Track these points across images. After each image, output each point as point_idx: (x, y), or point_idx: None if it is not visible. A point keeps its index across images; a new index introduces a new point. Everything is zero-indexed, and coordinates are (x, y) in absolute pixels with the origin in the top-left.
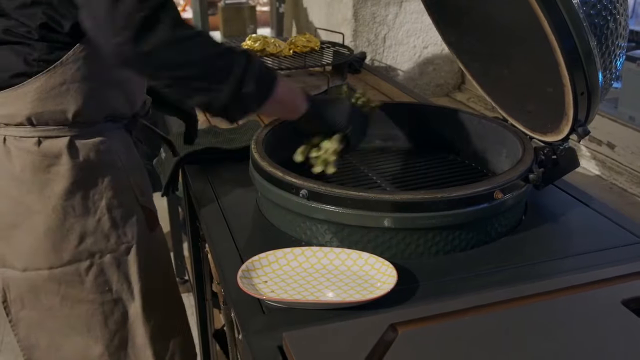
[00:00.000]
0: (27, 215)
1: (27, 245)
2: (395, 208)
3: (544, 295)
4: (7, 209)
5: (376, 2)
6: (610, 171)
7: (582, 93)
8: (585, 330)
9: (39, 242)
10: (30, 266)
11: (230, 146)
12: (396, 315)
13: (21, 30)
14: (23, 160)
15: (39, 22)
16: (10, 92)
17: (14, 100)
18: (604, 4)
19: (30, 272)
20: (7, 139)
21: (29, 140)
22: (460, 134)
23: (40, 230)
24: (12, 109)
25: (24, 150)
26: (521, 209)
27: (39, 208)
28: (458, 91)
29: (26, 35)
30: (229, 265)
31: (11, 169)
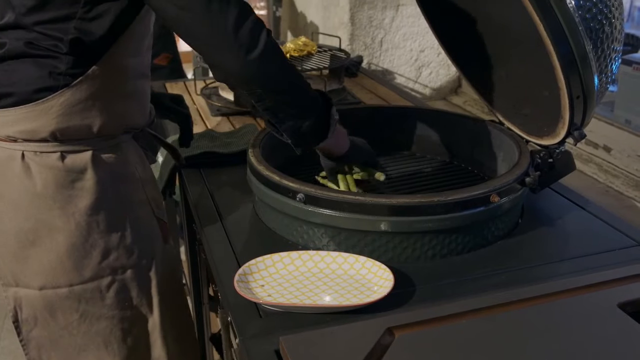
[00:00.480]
0: (47, 233)
1: (46, 263)
2: (392, 212)
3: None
4: (25, 227)
5: (373, 6)
6: (607, 174)
7: (578, 97)
8: (582, 334)
9: (59, 259)
10: (48, 284)
11: (227, 150)
12: (393, 319)
13: (46, 44)
14: (45, 177)
15: (71, 36)
16: (33, 107)
17: (37, 115)
18: (599, 8)
19: (47, 291)
20: (26, 154)
21: (51, 156)
22: (457, 138)
23: (62, 248)
24: (35, 124)
25: (45, 166)
26: (518, 212)
27: (60, 225)
28: (455, 95)
29: (52, 48)
30: (225, 269)
31: (30, 187)
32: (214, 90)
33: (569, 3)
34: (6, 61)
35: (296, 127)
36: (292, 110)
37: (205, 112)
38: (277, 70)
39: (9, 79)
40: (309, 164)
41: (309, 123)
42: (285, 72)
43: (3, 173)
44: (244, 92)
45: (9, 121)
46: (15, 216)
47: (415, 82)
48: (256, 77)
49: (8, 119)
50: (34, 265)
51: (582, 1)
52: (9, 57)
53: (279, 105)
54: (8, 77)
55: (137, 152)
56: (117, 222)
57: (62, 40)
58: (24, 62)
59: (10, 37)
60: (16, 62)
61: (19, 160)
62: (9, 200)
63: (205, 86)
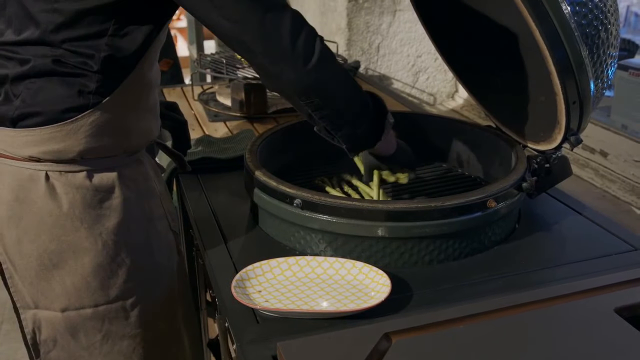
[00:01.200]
0: (72, 254)
1: (70, 285)
2: (389, 217)
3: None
4: (48, 249)
5: (370, 12)
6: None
7: (574, 102)
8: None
9: (84, 280)
10: (71, 306)
11: (225, 155)
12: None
13: (74, 61)
14: (72, 197)
15: (103, 54)
16: (60, 127)
17: (65, 136)
18: (595, 14)
19: (70, 312)
20: (50, 175)
21: (77, 175)
22: (454, 143)
23: (87, 269)
24: (62, 145)
25: (72, 186)
26: (514, 217)
27: (87, 246)
28: (452, 100)
29: (81, 66)
30: (223, 274)
31: (55, 208)
32: (211, 96)
33: (564, 9)
34: (30, 79)
35: (352, 132)
36: (348, 117)
37: (203, 117)
38: (333, 77)
39: (34, 97)
40: (306, 170)
41: (364, 127)
42: (340, 78)
43: (25, 195)
44: (301, 102)
45: (34, 141)
46: (36, 238)
47: (413, 88)
48: (315, 86)
49: (32, 139)
50: (56, 287)
51: (578, 7)
52: (34, 75)
53: (336, 112)
54: (33, 96)
55: (152, 165)
56: (143, 238)
57: (92, 57)
58: (50, 80)
59: (35, 54)
60: (42, 80)
61: (42, 180)
62: (30, 223)
63: (203, 92)
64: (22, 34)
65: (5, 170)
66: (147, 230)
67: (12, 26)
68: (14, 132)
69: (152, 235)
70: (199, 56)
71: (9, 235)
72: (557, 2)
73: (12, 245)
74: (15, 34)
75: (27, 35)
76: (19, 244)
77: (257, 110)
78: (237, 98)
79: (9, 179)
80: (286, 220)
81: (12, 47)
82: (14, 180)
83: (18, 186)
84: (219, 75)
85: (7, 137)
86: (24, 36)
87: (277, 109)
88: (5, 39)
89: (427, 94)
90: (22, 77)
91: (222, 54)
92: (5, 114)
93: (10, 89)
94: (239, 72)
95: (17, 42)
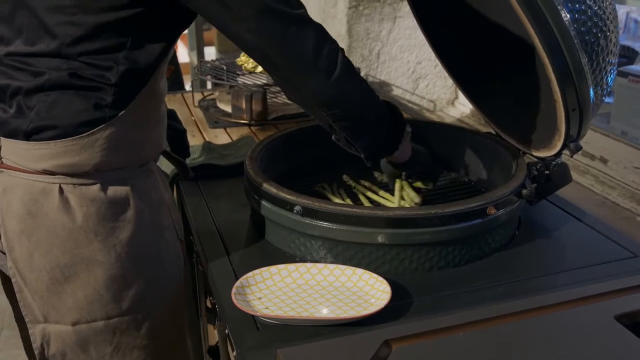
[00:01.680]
0: (85, 267)
1: (82, 298)
2: (389, 224)
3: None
4: (60, 263)
5: (370, 18)
6: (603, 185)
7: (573, 109)
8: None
9: (96, 293)
10: (82, 319)
11: (225, 162)
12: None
13: (91, 74)
14: (86, 210)
15: (122, 67)
16: (76, 141)
17: (81, 149)
18: (594, 21)
19: (81, 326)
20: (63, 187)
21: (91, 188)
22: (454, 150)
23: (100, 281)
24: (78, 158)
25: (87, 199)
26: (514, 224)
27: (100, 258)
28: (451, 106)
29: (98, 79)
30: (223, 281)
31: (68, 221)
32: (211, 102)
33: (564, 17)
34: (45, 91)
35: (371, 142)
36: (367, 127)
37: (203, 123)
38: (354, 89)
39: (49, 110)
40: (306, 176)
41: (382, 136)
42: (361, 89)
43: (37, 208)
44: (322, 113)
45: (48, 154)
46: (48, 252)
47: (413, 94)
48: (337, 98)
49: (47, 152)
50: (68, 300)
51: (577, 15)
52: (49, 88)
53: (356, 122)
54: (48, 109)
55: (161, 175)
56: (154, 249)
57: (110, 70)
58: (65, 93)
59: (49, 66)
60: (57, 93)
61: (55, 194)
62: (42, 236)
63: (203, 98)
64: (35, 46)
65: (16, 183)
66: (158, 241)
67: (23, 36)
68: (27, 145)
69: (162, 245)
70: (200, 63)
71: (20, 248)
72: (556, 9)
73: (23, 259)
74: (27, 45)
75: (41, 47)
76: (30, 258)
77: (257, 116)
78: (238, 105)
79: (21, 192)
80: (286, 227)
81: (24, 58)
82: (26, 193)
83: (30, 199)
84: (219, 81)
85: (20, 149)
86: (37, 48)
87: (277, 115)
88: (15, 50)
89: (427, 101)
90: (36, 89)
91: (223, 61)
92: (19, 127)
93: (24, 102)
94: (239, 79)
95: (29, 54)
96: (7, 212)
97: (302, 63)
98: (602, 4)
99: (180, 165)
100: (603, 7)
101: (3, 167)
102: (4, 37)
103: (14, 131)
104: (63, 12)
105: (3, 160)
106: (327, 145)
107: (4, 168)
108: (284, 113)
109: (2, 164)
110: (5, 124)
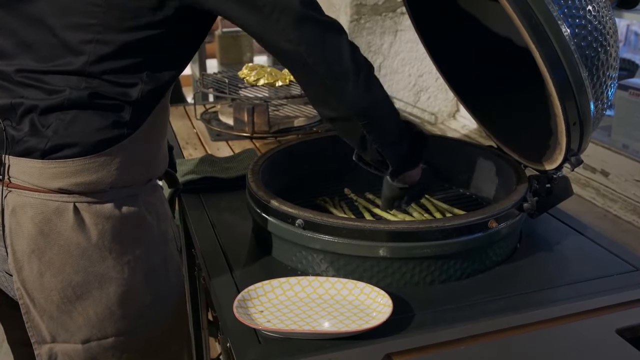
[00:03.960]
0: (97, 284)
1: (93, 315)
2: (391, 238)
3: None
4: (73, 282)
5: (371, 32)
6: (605, 198)
7: (574, 123)
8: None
9: (109, 310)
10: (93, 337)
11: (227, 175)
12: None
13: (112, 92)
14: (101, 228)
15: (145, 86)
16: (94, 159)
17: (99, 167)
18: (594, 36)
19: (92, 343)
20: (78, 206)
21: (106, 206)
22: (455, 163)
23: (112, 298)
24: (95, 176)
25: (102, 217)
26: (516, 237)
27: (113, 275)
28: (453, 119)
29: (119, 97)
30: (225, 294)
31: (82, 240)
32: (213, 115)
33: (564, 31)
34: (63, 110)
35: (398, 151)
36: (396, 138)
37: (205, 136)
38: (383, 96)
39: (67, 129)
40: (307, 190)
41: (407, 146)
42: (387, 97)
43: (50, 228)
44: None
45: (65, 173)
46: (60, 271)
47: (414, 107)
48: (375, 105)
49: (64, 171)
50: (78, 319)
51: (577, 29)
52: (68, 107)
53: (388, 133)
54: (66, 127)
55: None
56: (162, 262)
57: (134, 86)
58: (84, 112)
59: (68, 84)
60: (75, 111)
61: (70, 212)
62: (54, 256)
63: (205, 111)
64: (51, 63)
65: (27, 203)
66: (164, 254)
67: (32, 53)
68: (42, 164)
69: (168, 258)
70: (202, 75)
71: (30, 269)
72: (557, 24)
73: (33, 280)
74: (40, 62)
75: (60, 64)
76: (40, 278)
77: (259, 129)
78: (240, 117)
79: (32, 212)
80: (288, 240)
81: (37, 75)
82: (38, 213)
83: (43, 219)
84: (221, 94)
85: (34, 168)
86: (54, 65)
87: (279, 128)
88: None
89: (428, 113)
90: (54, 108)
91: (225, 74)
92: (35, 146)
93: (38, 120)
94: (241, 92)
95: (43, 71)
96: (16, 233)
97: (342, 69)
98: (602, 19)
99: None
100: (603, 22)
101: (12, 186)
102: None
103: (29, 149)
104: (88, 30)
105: (11, 179)
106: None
107: (12, 187)
108: (286, 126)
109: (10, 183)
110: (20, 142)
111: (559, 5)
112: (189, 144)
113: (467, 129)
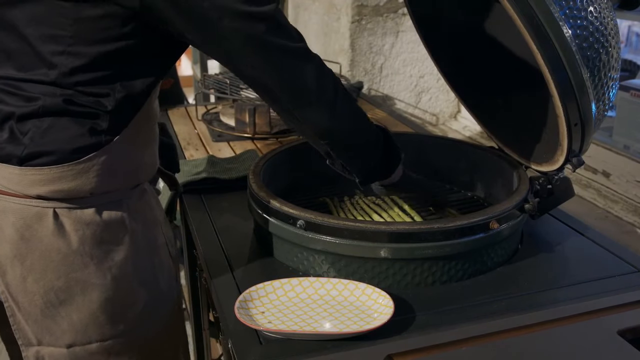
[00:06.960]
0: (80, 290)
1: (77, 320)
2: (392, 239)
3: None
4: (55, 287)
5: (373, 32)
6: (606, 199)
7: (575, 124)
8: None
9: (92, 315)
10: (78, 342)
11: (228, 176)
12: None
13: (86, 100)
14: (82, 234)
15: (119, 94)
16: (71, 167)
17: (76, 175)
18: (596, 37)
19: (76, 348)
20: (58, 212)
21: (86, 212)
22: (456, 164)
23: (96, 304)
24: (73, 184)
25: (82, 223)
26: (517, 238)
27: (95, 281)
28: (454, 120)
29: (93, 105)
30: (226, 295)
31: (63, 245)
32: (215, 116)
33: (566, 32)
34: (39, 117)
35: (366, 167)
36: (363, 153)
37: (207, 137)
38: (351, 119)
39: (43, 136)
40: (309, 191)
41: (376, 161)
42: (357, 118)
43: (30, 234)
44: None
45: (42, 180)
46: (42, 276)
47: (415, 108)
48: (337, 128)
49: (41, 178)
50: (62, 324)
51: (579, 30)
52: (43, 114)
53: (353, 150)
54: (43, 135)
55: (153, 193)
56: (149, 269)
57: (107, 96)
58: (60, 119)
59: (43, 92)
60: (52, 119)
61: (50, 218)
62: (36, 261)
63: (207, 112)
64: (28, 72)
65: (8, 208)
66: (152, 260)
67: (12, 61)
68: (20, 171)
69: (157, 264)
70: (203, 77)
71: (13, 273)
72: (558, 25)
73: (16, 284)
74: (20, 71)
75: (36, 74)
76: (23, 282)
77: (260, 130)
78: (241, 118)
79: (13, 218)
80: (289, 241)
81: (17, 82)
82: (19, 218)
83: (23, 224)
84: (222, 95)
85: (13, 175)
86: (31, 74)
87: (280, 129)
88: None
89: (429, 114)
90: (30, 115)
91: (226, 75)
92: (13, 153)
93: (17, 127)
94: (242, 93)
95: (22, 79)
96: None
97: (303, 96)
98: (603, 20)
99: (167, 177)
100: (604, 23)
101: None
102: None
103: (8, 156)
104: (59, 42)
105: None
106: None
107: None
108: (287, 127)
109: None
110: None
111: (561, 6)
112: (190, 144)
113: (468, 130)
